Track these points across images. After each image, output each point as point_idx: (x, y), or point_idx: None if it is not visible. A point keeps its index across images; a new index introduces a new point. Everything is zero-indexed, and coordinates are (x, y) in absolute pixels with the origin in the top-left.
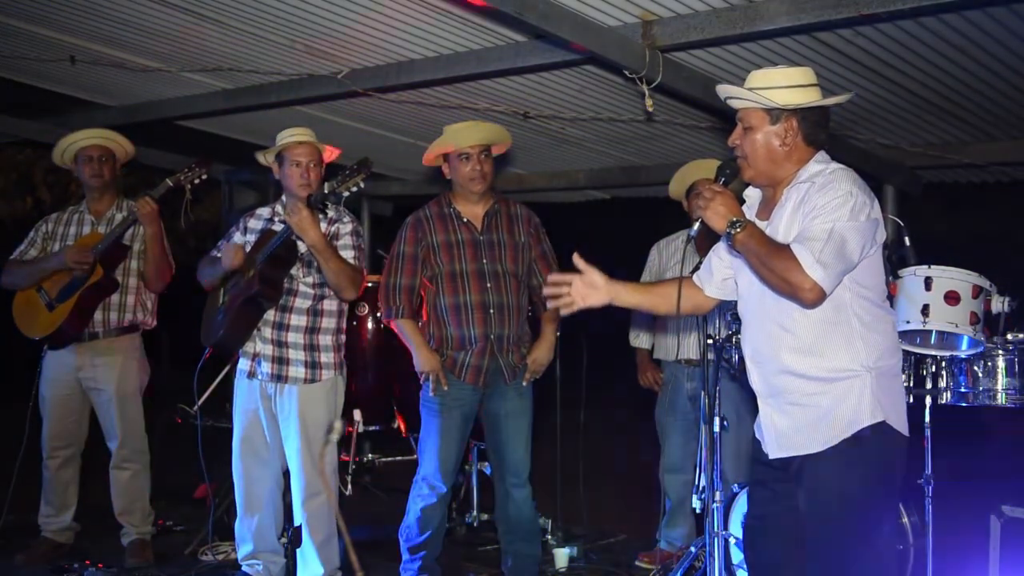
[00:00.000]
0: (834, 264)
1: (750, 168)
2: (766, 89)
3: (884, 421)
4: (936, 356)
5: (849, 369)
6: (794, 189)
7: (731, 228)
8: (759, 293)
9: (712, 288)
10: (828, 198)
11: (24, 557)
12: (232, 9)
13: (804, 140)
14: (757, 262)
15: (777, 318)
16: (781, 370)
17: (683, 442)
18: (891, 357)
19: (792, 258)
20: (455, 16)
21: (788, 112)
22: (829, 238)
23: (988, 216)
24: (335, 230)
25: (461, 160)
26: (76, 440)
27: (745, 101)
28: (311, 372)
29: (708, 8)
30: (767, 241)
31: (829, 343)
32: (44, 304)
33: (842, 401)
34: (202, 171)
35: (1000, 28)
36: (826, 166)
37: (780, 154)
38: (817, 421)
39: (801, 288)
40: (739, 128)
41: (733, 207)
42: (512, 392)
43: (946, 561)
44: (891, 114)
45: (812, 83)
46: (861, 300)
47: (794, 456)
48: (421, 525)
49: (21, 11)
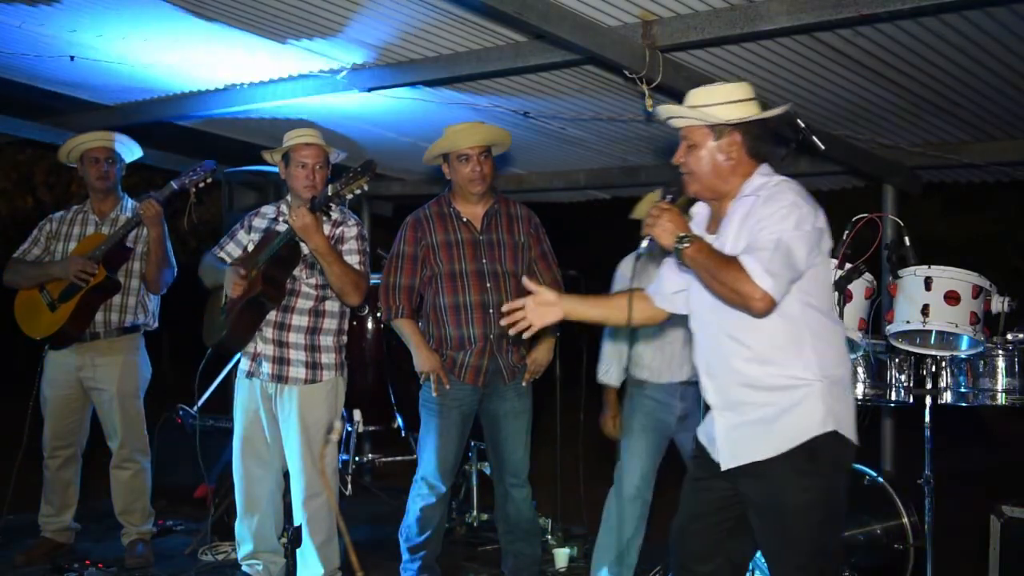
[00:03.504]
0: (782, 273)
1: (695, 183)
2: (708, 106)
3: (835, 430)
4: (936, 356)
5: (801, 378)
6: (740, 202)
7: (679, 243)
8: (710, 306)
9: (663, 300)
10: (773, 209)
11: (24, 557)
12: (232, 9)
13: (748, 154)
14: (707, 275)
15: (728, 330)
16: (734, 381)
17: (652, 465)
18: (840, 366)
19: (741, 269)
20: (455, 16)
21: (731, 127)
22: (776, 248)
23: (988, 216)
24: (339, 233)
25: (461, 161)
26: (77, 440)
27: (688, 119)
28: (312, 373)
29: (708, 8)
30: (715, 254)
31: (780, 353)
32: (46, 304)
33: (794, 409)
34: (207, 174)
35: (1000, 28)
36: (770, 179)
37: (725, 169)
38: (769, 429)
39: (751, 298)
40: (683, 146)
41: (680, 223)
42: (511, 392)
43: (946, 561)
44: (891, 114)
45: (750, 97)
46: (809, 310)
47: (743, 465)
48: (421, 525)
49: (22, 11)
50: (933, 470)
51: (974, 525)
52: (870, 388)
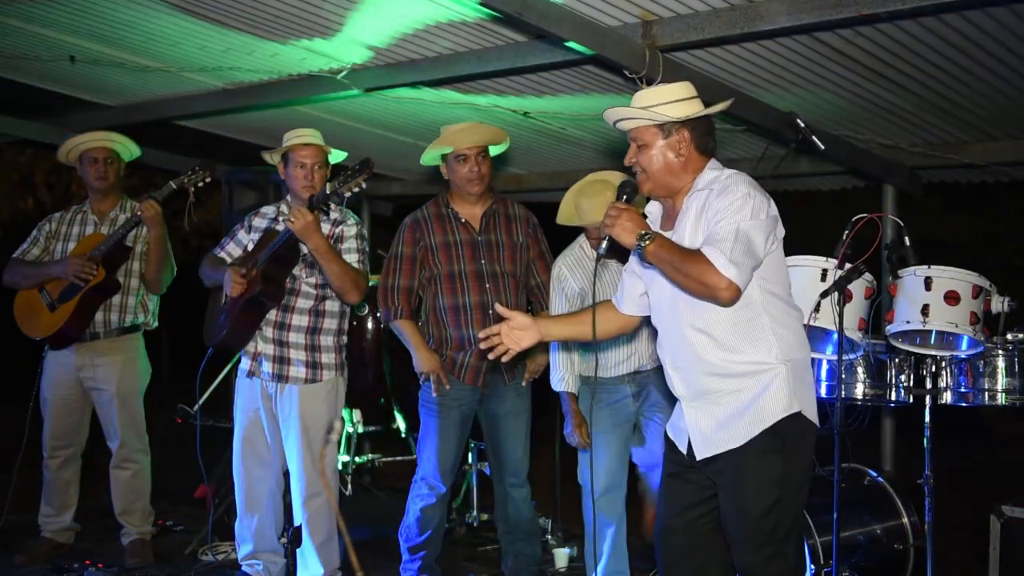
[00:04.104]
0: (744, 261)
1: (649, 182)
2: (656, 106)
3: (800, 412)
4: (936, 356)
5: (764, 363)
6: (694, 197)
7: (641, 241)
8: (671, 300)
9: (629, 306)
10: (728, 201)
11: (24, 557)
12: (232, 9)
13: (696, 149)
14: (671, 270)
15: (692, 321)
16: (700, 371)
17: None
18: (801, 350)
19: (705, 261)
20: (455, 16)
21: (679, 124)
22: (736, 238)
23: (988, 216)
24: (339, 232)
25: (459, 161)
26: (77, 440)
27: (637, 120)
28: (312, 372)
29: (708, 8)
30: (677, 249)
31: (743, 340)
32: (46, 304)
33: (760, 394)
34: (206, 174)
35: (1000, 28)
36: (720, 172)
37: (676, 165)
38: (738, 416)
39: (718, 288)
40: (632, 147)
41: (639, 221)
42: (511, 392)
43: (946, 561)
44: (891, 114)
45: (694, 96)
46: (769, 296)
47: (717, 454)
48: (421, 525)
49: (21, 11)
50: (933, 470)
51: (974, 525)
52: (870, 388)
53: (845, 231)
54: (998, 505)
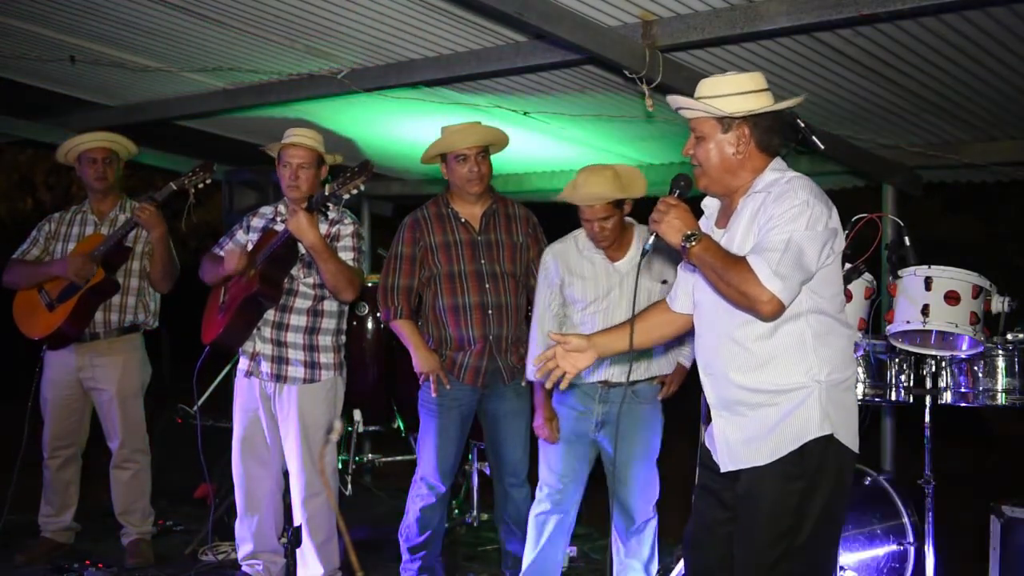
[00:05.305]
0: (792, 275)
1: (704, 177)
2: (715, 98)
3: (832, 435)
4: (936, 356)
5: (799, 382)
6: (750, 198)
7: (686, 242)
8: (713, 305)
9: (683, 302)
10: (784, 207)
11: (24, 557)
12: (232, 9)
13: (757, 147)
14: (713, 275)
15: (729, 331)
16: (732, 382)
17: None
18: (844, 370)
19: (749, 270)
20: (455, 16)
21: (739, 120)
22: (786, 249)
23: (988, 216)
24: (336, 231)
25: (458, 161)
26: (77, 440)
27: (695, 111)
28: (310, 372)
29: (708, 8)
30: (723, 254)
31: (781, 356)
32: (44, 304)
33: (791, 413)
34: (206, 175)
35: (1000, 28)
36: (782, 175)
37: (734, 162)
38: (766, 433)
39: (759, 300)
40: (692, 138)
41: (688, 220)
42: (511, 392)
43: (946, 561)
44: (891, 114)
45: (762, 88)
46: (816, 313)
47: (742, 469)
48: (421, 525)
49: (21, 11)
50: (933, 470)
51: (974, 525)
52: (870, 388)
53: (845, 231)
54: (998, 505)
